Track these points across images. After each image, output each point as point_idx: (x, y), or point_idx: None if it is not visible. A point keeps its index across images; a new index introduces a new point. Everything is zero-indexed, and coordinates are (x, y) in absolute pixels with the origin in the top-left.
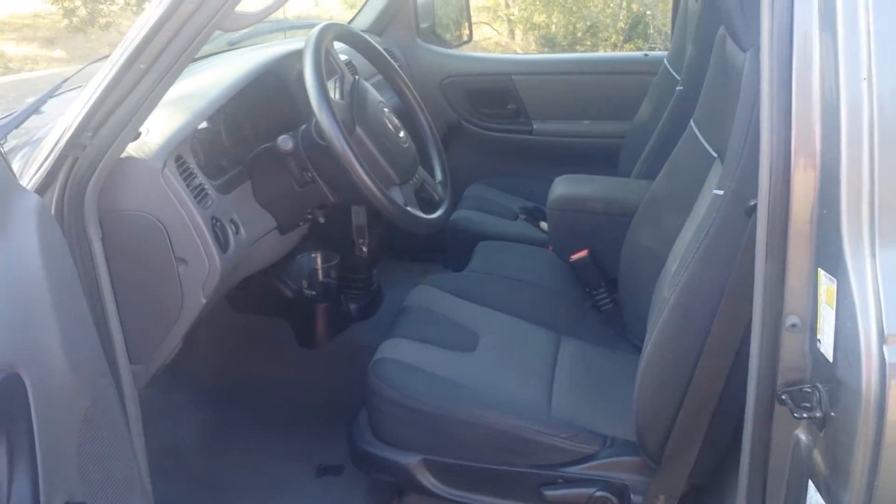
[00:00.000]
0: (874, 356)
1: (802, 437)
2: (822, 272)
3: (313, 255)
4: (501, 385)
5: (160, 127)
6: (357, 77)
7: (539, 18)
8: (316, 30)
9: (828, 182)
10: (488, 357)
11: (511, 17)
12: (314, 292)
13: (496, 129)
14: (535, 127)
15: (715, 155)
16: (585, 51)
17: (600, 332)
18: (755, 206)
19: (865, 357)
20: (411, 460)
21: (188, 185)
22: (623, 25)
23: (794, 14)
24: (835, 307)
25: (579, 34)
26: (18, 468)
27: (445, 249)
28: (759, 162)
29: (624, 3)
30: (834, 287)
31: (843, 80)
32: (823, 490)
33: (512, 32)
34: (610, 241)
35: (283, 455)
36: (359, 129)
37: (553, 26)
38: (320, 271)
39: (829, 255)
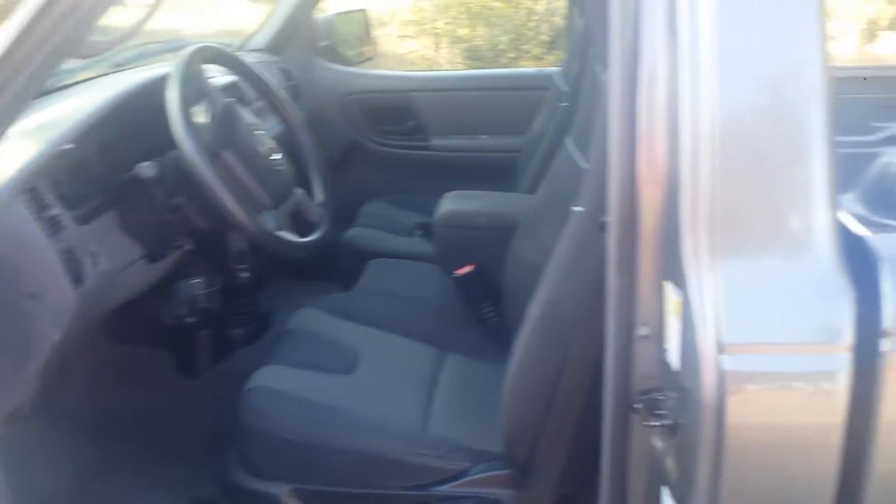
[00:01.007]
0: (713, 365)
1: (657, 444)
2: (668, 284)
3: (194, 282)
4: (377, 406)
5: (12, 157)
6: (229, 100)
7: (463, 32)
8: (185, 52)
9: (671, 197)
10: (367, 378)
11: (436, 31)
12: (195, 319)
13: (396, 146)
14: (434, 143)
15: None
16: (507, 63)
17: (486, 347)
18: (607, 222)
19: (705, 366)
20: (280, 491)
21: (40, 217)
22: (546, 38)
23: (640, 34)
24: (679, 318)
25: (502, 47)
26: None
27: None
28: (609, 177)
29: (546, 17)
30: (678, 298)
31: (686, 99)
32: (676, 496)
33: (437, 45)
34: (496, 256)
35: (160, 490)
36: (227, 153)
37: (478, 39)
38: (201, 297)
39: (673, 267)
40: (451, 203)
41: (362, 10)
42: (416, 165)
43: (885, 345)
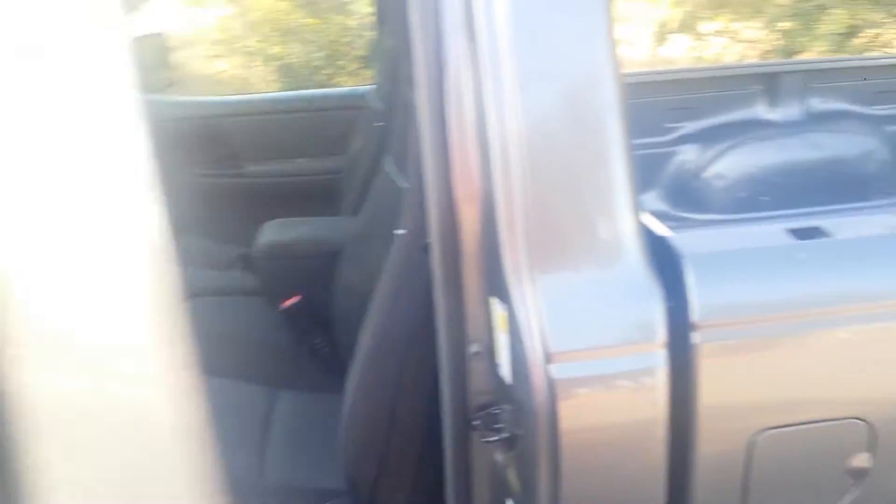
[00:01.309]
0: (542, 374)
1: (498, 458)
2: (494, 300)
3: None
4: None
5: None
6: None
7: (276, 49)
8: None
9: (489, 214)
10: None
11: (247, 50)
12: None
13: (207, 175)
14: (249, 169)
15: None
16: (323, 79)
17: (321, 380)
18: (429, 244)
19: (535, 376)
20: None
21: None
22: (361, 53)
23: (444, 48)
24: (507, 332)
25: (317, 63)
26: None
27: None
28: (427, 198)
29: (359, 32)
30: (505, 313)
31: (492, 118)
32: None
33: (249, 65)
34: (323, 284)
35: None
36: None
37: (291, 57)
38: None
39: (497, 284)
40: (272, 232)
41: (159, 34)
42: (230, 194)
43: (695, 337)
